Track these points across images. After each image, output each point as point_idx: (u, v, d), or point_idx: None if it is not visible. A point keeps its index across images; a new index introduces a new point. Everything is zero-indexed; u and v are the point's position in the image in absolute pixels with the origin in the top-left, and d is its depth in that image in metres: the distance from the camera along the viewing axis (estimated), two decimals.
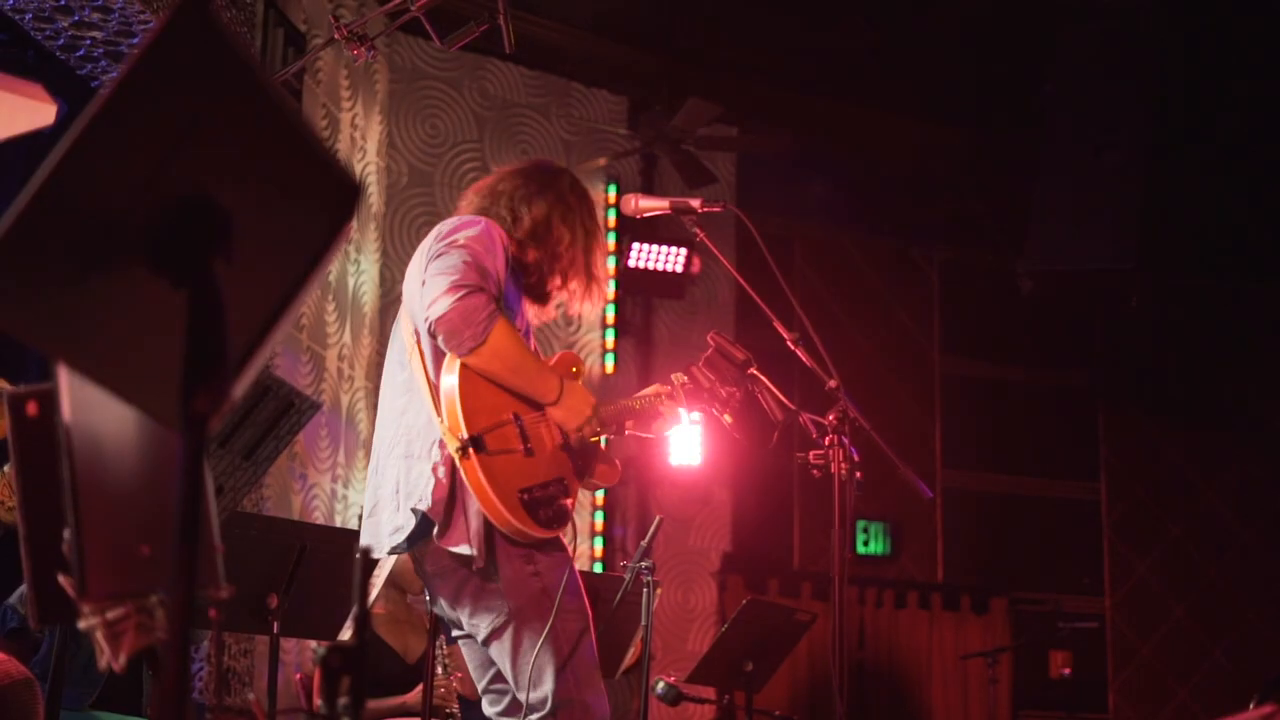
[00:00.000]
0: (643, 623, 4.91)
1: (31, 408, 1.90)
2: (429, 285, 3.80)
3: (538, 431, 3.96)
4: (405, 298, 4.00)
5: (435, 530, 3.84)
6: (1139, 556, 11.12)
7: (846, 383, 4.38)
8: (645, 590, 4.88)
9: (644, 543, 4.91)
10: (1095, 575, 11.06)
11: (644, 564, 4.88)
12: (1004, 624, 10.68)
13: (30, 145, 3.22)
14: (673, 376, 4.44)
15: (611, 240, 9.76)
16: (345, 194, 1.63)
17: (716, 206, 4.62)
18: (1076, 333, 11.16)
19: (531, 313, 4.25)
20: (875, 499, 10.11)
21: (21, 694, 3.38)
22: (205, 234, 1.46)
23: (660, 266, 9.62)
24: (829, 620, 4.36)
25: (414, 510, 3.86)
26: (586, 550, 9.41)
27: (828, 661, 7.66)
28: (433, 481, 3.83)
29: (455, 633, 4.19)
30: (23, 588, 5.51)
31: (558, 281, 4.22)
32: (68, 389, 1.76)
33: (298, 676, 6.48)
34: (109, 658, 1.79)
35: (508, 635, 3.90)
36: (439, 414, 3.85)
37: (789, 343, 4.43)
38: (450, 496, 3.83)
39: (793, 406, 4.38)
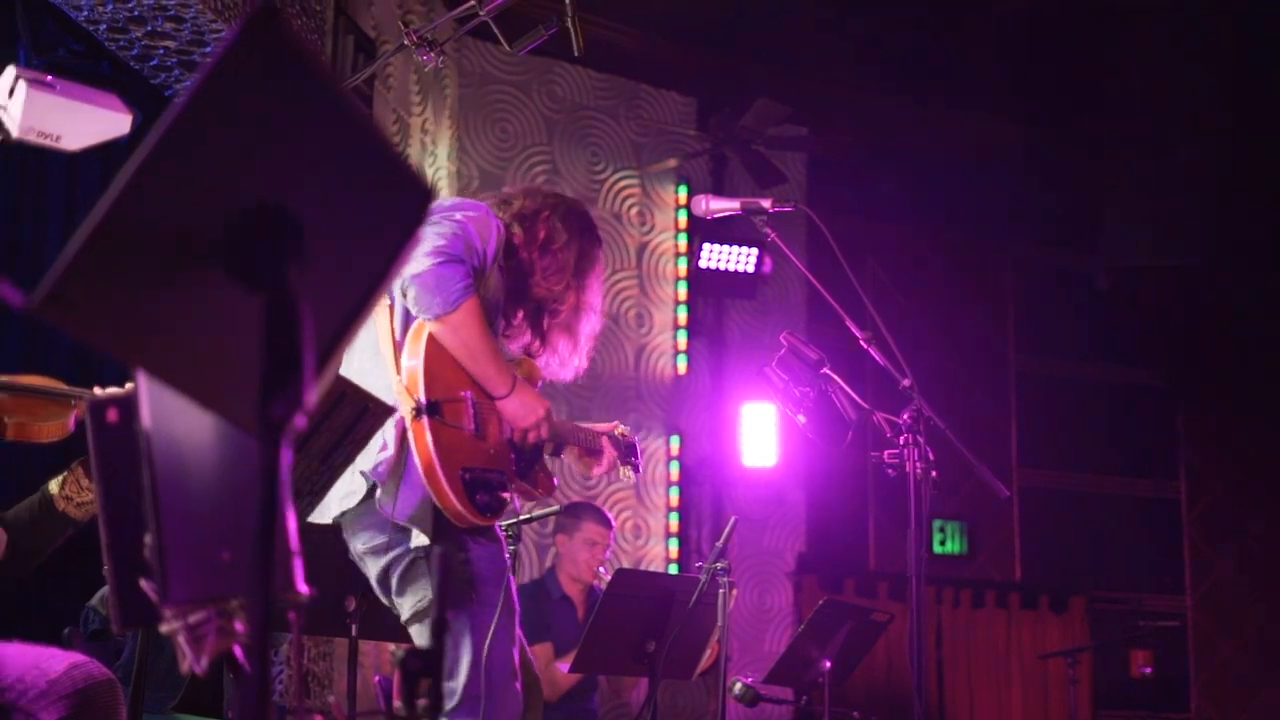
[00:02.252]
0: (719, 624, 4.90)
1: (112, 414, 1.92)
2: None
3: (488, 418, 3.96)
4: None
5: (379, 496, 3.83)
6: (1219, 555, 11.00)
7: (920, 381, 4.36)
8: (721, 591, 4.87)
9: (719, 544, 4.90)
10: (1175, 574, 10.95)
11: (719, 565, 4.87)
12: (1083, 623, 10.59)
13: (106, 154, 3.26)
14: (619, 427, 4.52)
15: (683, 241, 9.75)
16: (418, 198, 1.64)
17: (788, 206, 4.62)
18: (1153, 329, 11.04)
19: (513, 342, 4.23)
20: (951, 498, 10.05)
21: (105, 696, 3.42)
22: (280, 241, 1.47)
23: (731, 267, 9.60)
24: (906, 620, 4.34)
25: (363, 474, 3.84)
26: (661, 552, 9.41)
27: (905, 661, 7.63)
28: (385, 447, 3.83)
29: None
30: (103, 590, 5.58)
31: (551, 285, 4.19)
32: (147, 396, 1.78)
33: (376, 679, 6.52)
34: (191, 661, 1.81)
35: (429, 620, 3.88)
36: (398, 373, 3.85)
37: (862, 342, 4.42)
38: (398, 465, 3.82)
39: (866, 406, 4.37)
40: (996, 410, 10.89)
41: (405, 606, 3.93)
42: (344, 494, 3.91)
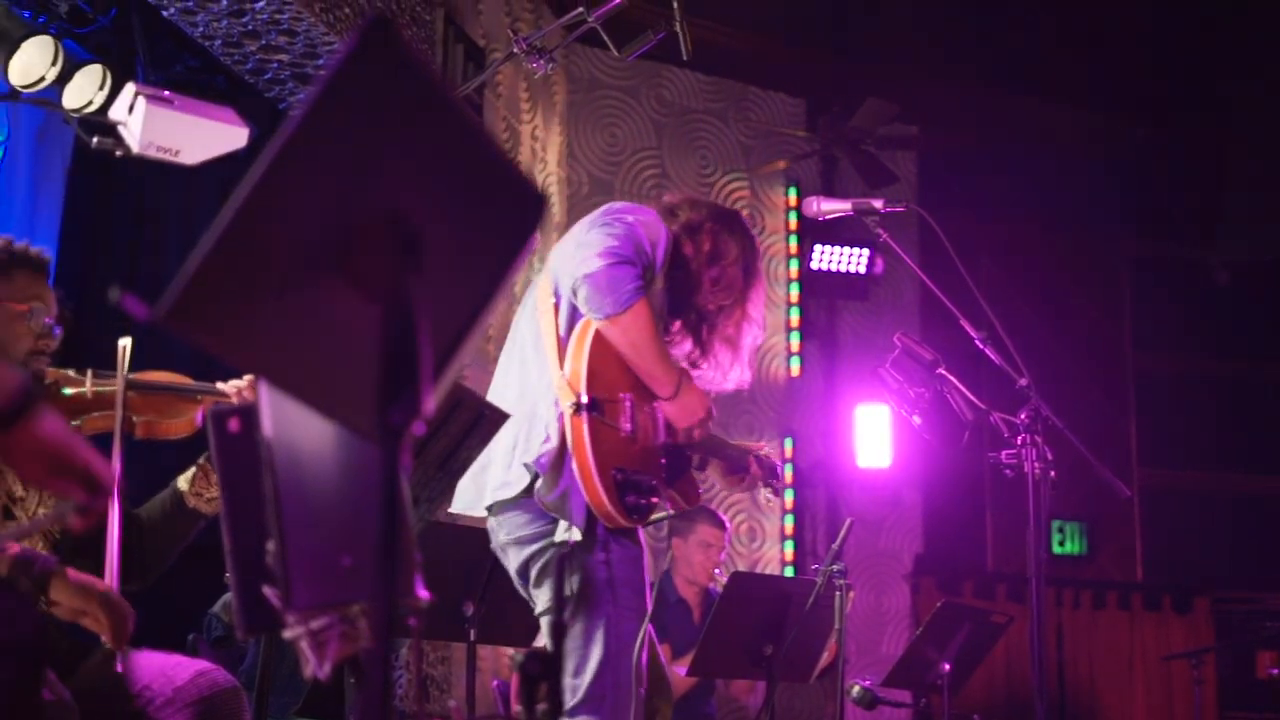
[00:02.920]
0: (836, 626, 4.88)
1: (234, 424, 1.95)
2: (586, 245, 3.84)
3: (645, 423, 3.98)
4: (552, 257, 4.00)
5: (539, 487, 3.85)
6: None
7: (1037, 381, 4.32)
8: (837, 594, 4.85)
9: (835, 545, 4.88)
10: None
11: (836, 567, 4.85)
12: (1208, 623, 10.41)
13: (223, 167, 3.31)
14: (764, 448, 4.52)
15: (793, 243, 9.72)
16: (532, 205, 1.65)
17: (900, 206, 4.60)
18: (1274, 323, 10.84)
19: (672, 349, 4.24)
20: (1070, 498, 9.93)
21: (230, 703, 3.47)
22: (397, 249, 1.48)
23: (843, 268, 9.56)
24: (1026, 622, 4.30)
25: (526, 465, 3.87)
26: (776, 554, 9.38)
27: (1025, 664, 7.55)
28: (548, 439, 3.85)
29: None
30: (226, 596, 5.66)
31: (717, 298, 4.20)
32: (268, 405, 1.80)
33: (494, 683, 6.56)
34: (314, 666, 1.83)
35: (563, 615, 3.88)
36: (560, 368, 3.88)
37: (977, 341, 4.38)
38: (559, 458, 3.84)
39: (983, 406, 4.34)
40: (1115, 408, 10.74)
41: (541, 599, 3.96)
42: (500, 484, 3.95)
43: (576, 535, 3.83)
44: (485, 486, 4.00)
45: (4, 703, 2.22)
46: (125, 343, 3.64)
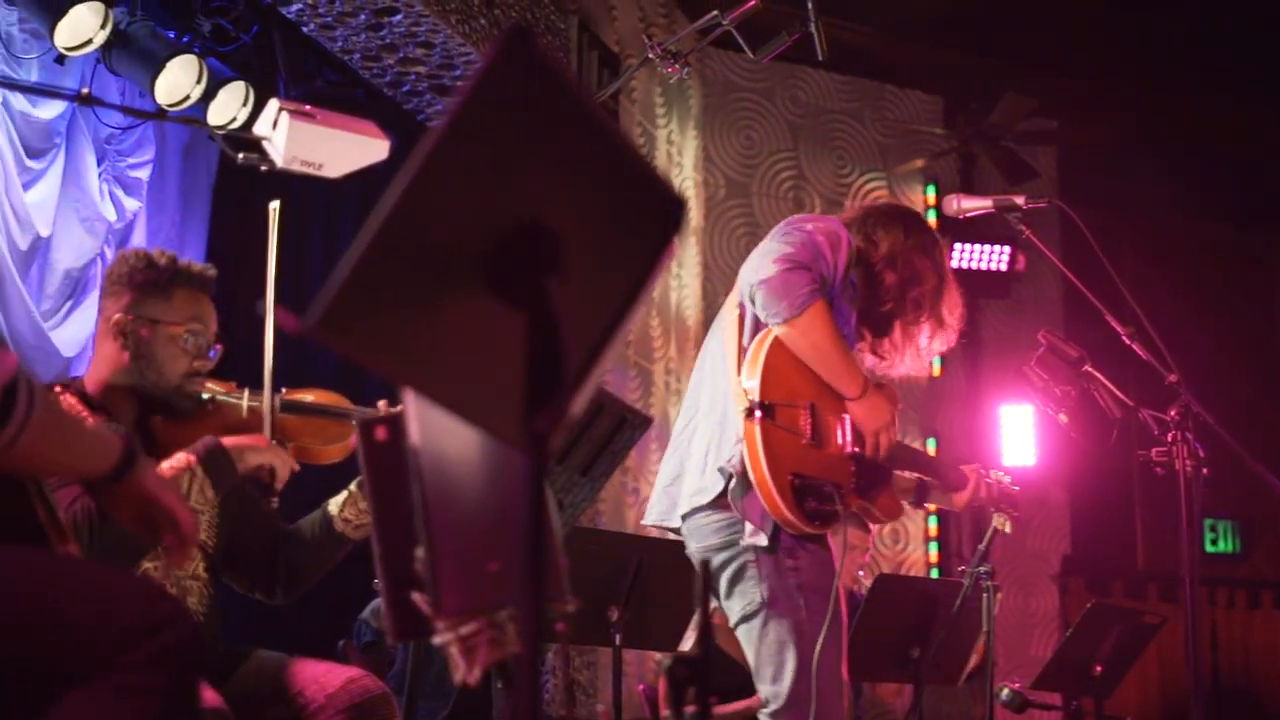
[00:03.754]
0: (984, 628, 4.83)
1: (380, 433, 1.97)
2: (764, 254, 3.85)
3: (829, 430, 3.94)
4: (740, 272, 4.02)
5: (731, 490, 3.84)
6: None
7: (1186, 376, 4.24)
8: (985, 595, 4.80)
9: (981, 547, 4.83)
10: None
11: (982, 568, 4.80)
12: None
13: (364, 179, 3.35)
14: (999, 475, 4.47)
15: None
16: (671, 209, 1.65)
17: (1041, 202, 4.54)
18: None
19: (870, 358, 4.22)
20: (1222, 496, 9.72)
21: (381, 708, 3.51)
22: (540, 256, 1.49)
23: (984, 266, 9.46)
24: (1179, 623, 4.23)
25: (720, 470, 3.87)
26: (921, 556, 9.30)
27: (1179, 665, 7.42)
28: (739, 441, 3.85)
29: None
30: (375, 602, 5.74)
31: (909, 313, 4.17)
32: (415, 413, 1.82)
33: (641, 688, 6.58)
34: (463, 672, 1.84)
35: (756, 623, 3.88)
36: (738, 374, 3.89)
37: (1124, 337, 4.32)
38: (747, 465, 3.84)
39: (1131, 403, 4.28)
40: (1268, 403, 10.50)
41: (733, 610, 3.96)
42: (695, 490, 3.98)
43: (762, 540, 3.83)
44: (679, 496, 4.02)
45: (162, 710, 2.27)
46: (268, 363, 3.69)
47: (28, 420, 2.16)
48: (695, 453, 3.99)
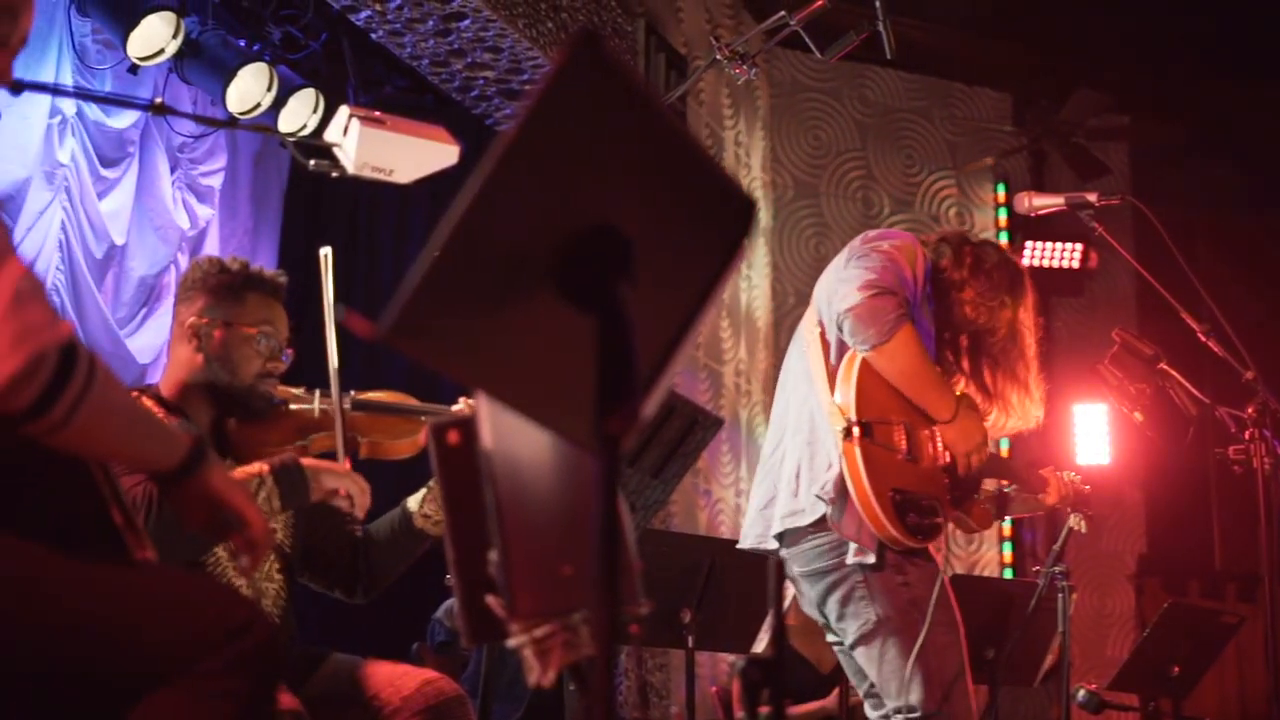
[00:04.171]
0: (1059, 629, 4.80)
1: (453, 436, 1.97)
2: (845, 280, 3.84)
3: (923, 444, 3.94)
4: (817, 292, 4.02)
5: (830, 514, 3.84)
6: None
7: (1263, 373, 4.20)
8: (1060, 596, 4.77)
9: (1056, 547, 4.80)
10: None
11: (1057, 569, 4.77)
12: None
13: (434, 185, 3.36)
14: (1071, 475, 4.44)
15: (1004, 240, 9.56)
16: (742, 211, 1.65)
17: (1114, 199, 4.51)
18: None
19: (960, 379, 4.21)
20: None
21: (456, 710, 3.52)
22: (611, 260, 1.49)
23: (1055, 264, 9.38)
24: (1257, 622, 4.18)
25: (817, 496, 3.88)
26: (995, 556, 9.24)
27: (1259, 666, 7.33)
28: (831, 466, 3.86)
29: (828, 637, 4.18)
30: (449, 602, 5.77)
31: (977, 303, 4.14)
32: (487, 417, 1.83)
33: (713, 689, 6.57)
34: (537, 674, 1.85)
35: (875, 643, 3.89)
36: (832, 394, 3.88)
37: (1199, 335, 4.28)
38: (843, 484, 3.84)
39: (1207, 401, 4.24)
40: None
41: (849, 632, 3.97)
42: (788, 511, 3.98)
43: (869, 559, 3.84)
44: (773, 518, 4.03)
45: (241, 715, 2.29)
46: (333, 364, 3.72)
47: (86, 394, 2.10)
48: (786, 474, 4.00)
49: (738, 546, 4.20)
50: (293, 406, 3.75)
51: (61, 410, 2.08)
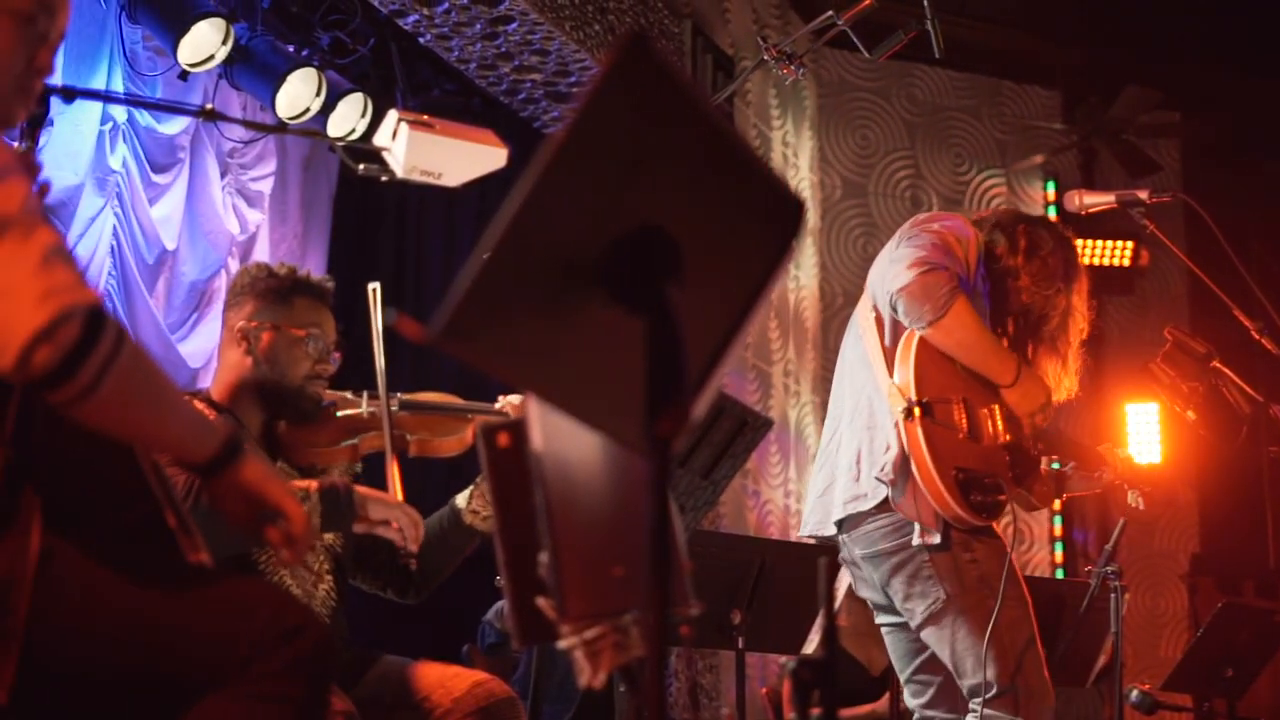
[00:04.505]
0: (1112, 629, 4.77)
1: (503, 439, 1.98)
2: (897, 260, 3.86)
3: (983, 421, 3.95)
4: (871, 277, 4.04)
5: (892, 495, 3.85)
6: None
7: None
8: (1113, 596, 4.74)
9: (1108, 547, 4.78)
10: None
11: (1109, 569, 4.74)
12: None
13: (482, 188, 3.37)
14: (1124, 452, 4.44)
15: None
16: (790, 212, 1.65)
17: (1166, 196, 4.49)
18: None
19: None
20: None
21: (507, 712, 3.53)
22: (660, 262, 1.49)
23: (1107, 262, 9.32)
24: None
25: (877, 479, 3.89)
26: (1046, 556, 9.19)
27: None
28: (889, 448, 3.87)
29: (879, 619, 4.18)
30: (499, 604, 5.78)
31: (1031, 288, 4.14)
32: (537, 419, 1.83)
33: (764, 691, 6.57)
34: (588, 675, 1.85)
35: (945, 621, 3.90)
36: (890, 376, 3.90)
37: (1254, 332, 4.26)
38: (904, 465, 3.85)
39: (1260, 399, 4.21)
40: None
41: (916, 612, 3.98)
42: (850, 496, 4.01)
43: (935, 538, 3.86)
44: (832, 504, 4.06)
45: (294, 718, 2.30)
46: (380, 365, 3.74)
47: (114, 360, 2.05)
48: (844, 459, 4.02)
49: (797, 535, 4.22)
50: (341, 410, 3.78)
51: (89, 374, 2.03)
